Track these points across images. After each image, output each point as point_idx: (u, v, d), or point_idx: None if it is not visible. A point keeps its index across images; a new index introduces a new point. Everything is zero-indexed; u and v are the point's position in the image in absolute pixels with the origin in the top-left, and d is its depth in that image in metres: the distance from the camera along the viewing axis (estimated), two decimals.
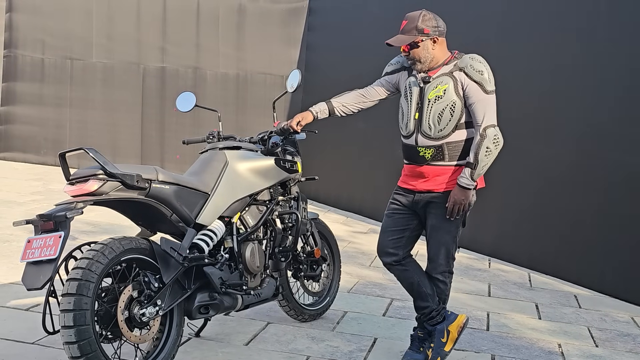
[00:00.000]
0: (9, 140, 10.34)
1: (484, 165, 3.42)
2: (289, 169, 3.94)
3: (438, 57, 3.48)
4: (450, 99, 3.42)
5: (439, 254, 3.56)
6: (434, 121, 3.44)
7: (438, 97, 3.43)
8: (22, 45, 10.23)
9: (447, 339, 3.58)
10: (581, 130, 5.63)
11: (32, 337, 3.59)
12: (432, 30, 3.45)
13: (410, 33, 3.45)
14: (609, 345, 4.21)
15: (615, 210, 5.33)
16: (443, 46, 3.51)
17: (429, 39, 3.45)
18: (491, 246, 6.39)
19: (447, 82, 3.43)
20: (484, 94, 3.41)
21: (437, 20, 3.50)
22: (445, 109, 3.42)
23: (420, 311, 3.65)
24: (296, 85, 3.95)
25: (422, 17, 3.46)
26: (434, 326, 3.60)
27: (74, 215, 2.86)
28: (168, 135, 9.70)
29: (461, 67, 3.43)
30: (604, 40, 5.48)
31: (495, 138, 3.41)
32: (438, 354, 3.55)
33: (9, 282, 4.53)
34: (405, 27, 3.48)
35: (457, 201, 3.46)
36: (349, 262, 5.70)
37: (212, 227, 3.44)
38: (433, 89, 3.45)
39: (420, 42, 3.45)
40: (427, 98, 3.46)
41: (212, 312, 3.42)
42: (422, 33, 3.44)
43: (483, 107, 3.41)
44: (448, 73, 3.45)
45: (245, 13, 9.39)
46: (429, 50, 3.46)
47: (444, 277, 3.61)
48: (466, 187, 3.45)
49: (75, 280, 2.80)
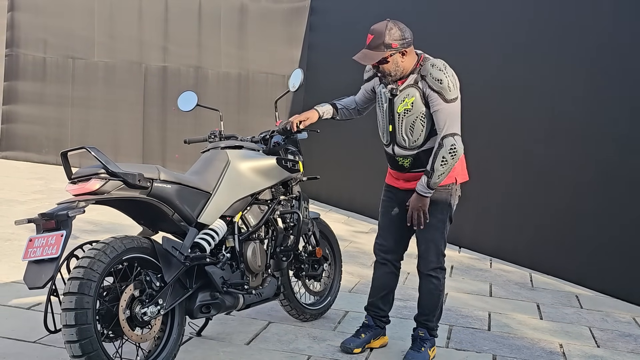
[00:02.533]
0: (11, 139, 10.35)
1: (440, 174, 3.40)
2: (291, 168, 3.94)
3: (407, 67, 3.47)
4: (419, 110, 3.44)
5: (429, 251, 3.63)
6: (407, 133, 3.50)
7: (407, 110, 3.46)
8: (24, 44, 10.23)
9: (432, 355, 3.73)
10: (583, 131, 5.62)
11: (33, 335, 3.60)
12: (399, 44, 3.39)
13: (378, 49, 3.39)
14: (611, 346, 4.21)
15: (616, 211, 5.33)
16: (411, 55, 3.47)
17: (397, 52, 3.40)
18: (493, 246, 6.39)
19: (413, 94, 3.44)
20: (444, 102, 3.38)
21: (404, 31, 3.42)
22: (416, 121, 3.46)
23: (374, 309, 3.85)
24: (298, 85, 3.96)
25: (388, 32, 3.38)
26: (426, 336, 3.71)
27: (76, 214, 2.86)
28: (169, 134, 9.71)
29: (423, 74, 3.42)
30: (604, 38, 5.47)
31: (452, 148, 3.37)
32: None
33: (11, 281, 4.53)
34: (372, 43, 3.41)
35: (414, 207, 3.51)
36: (351, 262, 5.70)
37: (213, 227, 3.44)
38: (401, 103, 3.47)
39: (389, 58, 3.41)
40: (396, 112, 3.49)
41: (213, 312, 3.42)
42: (390, 48, 3.38)
43: (444, 116, 3.39)
44: (413, 84, 3.45)
45: (247, 12, 9.39)
46: (398, 63, 3.43)
47: (436, 273, 3.66)
48: (422, 195, 3.47)
49: (76, 279, 2.80)
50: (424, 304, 3.71)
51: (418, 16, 7.28)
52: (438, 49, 6.97)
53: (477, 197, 6.47)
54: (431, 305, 3.69)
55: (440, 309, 3.75)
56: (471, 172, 4.83)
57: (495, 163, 6.38)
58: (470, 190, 6.55)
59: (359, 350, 3.74)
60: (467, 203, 6.47)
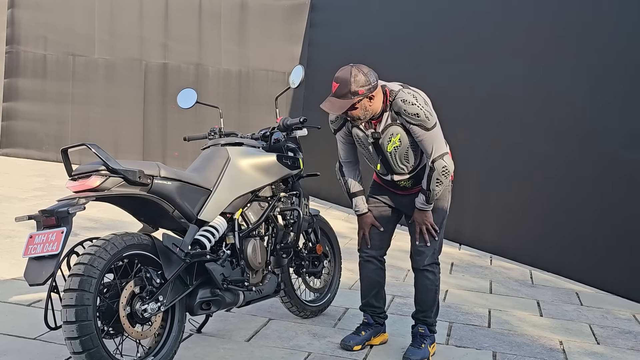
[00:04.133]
0: (11, 136, 10.35)
1: (437, 192, 3.54)
2: (291, 165, 3.94)
3: (376, 108, 3.46)
4: (407, 142, 3.51)
5: (424, 249, 3.67)
6: (402, 163, 3.58)
7: (397, 147, 3.52)
8: (25, 41, 10.23)
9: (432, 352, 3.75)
10: (583, 127, 5.62)
11: (34, 332, 3.60)
12: (366, 89, 3.36)
13: (345, 97, 3.36)
14: (611, 343, 4.21)
15: (617, 208, 5.33)
16: (379, 96, 3.44)
17: (364, 98, 3.39)
18: (493, 243, 6.39)
19: (397, 131, 3.48)
20: (425, 132, 3.43)
21: (369, 76, 3.37)
22: (408, 151, 3.54)
23: (370, 308, 3.87)
24: (298, 82, 3.96)
25: (353, 79, 3.34)
26: (426, 333, 3.74)
27: (76, 211, 2.86)
28: (170, 131, 9.71)
29: (397, 111, 3.44)
30: (604, 35, 5.47)
31: (444, 169, 3.48)
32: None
33: (11, 278, 4.53)
34: (338, 91, 3.38)
35: (420, 222, 3.62)
36: (351, 259, 5.70)
37: (214, 224, 3.44)
38: (388, 142, 3.51)
39: (357, 104, 3.39)
40: (386, 151, 3.54)
41: (213, 308, 3.42)
42: (356, 94, 3.35)
43: (429, 142, 3.46)
44: (392, 122, 3.47)
45: (248, 9, 9.38)
46: (367, 108, 3.42)
47: (432, 268, 3.71)
48: (424, 210, 3.60)
49: (77, 276, 2.80)
50: (421, 299, 3.74)
51: (417, 13, 7.28)
52: (438, 48, 6.99)
53: (477, 195, 6.48)
54: (428, 300, 3.72)
55: (437, 305, 3.77)
56: (471, 170, 4.86)
57: (495, 161, 6.38)
58: (470, 188, 6.58)
59: (359, 347, 3.75)
60: (467, 200, 6.50)
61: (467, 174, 6.34)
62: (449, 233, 3.73)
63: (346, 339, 3.77)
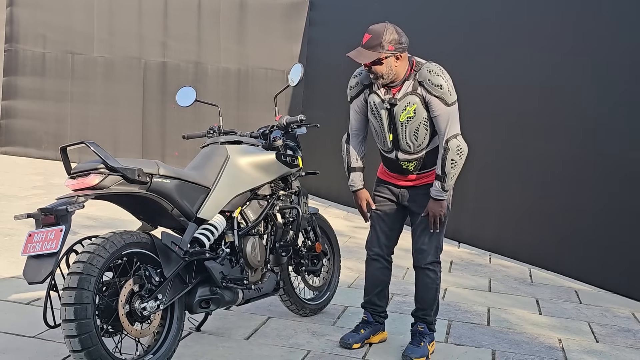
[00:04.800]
0: (10, 135, 10.34)
1: (452, 176, 3.47)
2: (290, 163, 3.94)
3: (400, 72, 3.46)
4: (421, 116, 3.46)
5: (427, 245, 3.66)
6: (411, 139, 3.51)
7: (410, 118, 3.47)
8: (23, 39, 10.22)
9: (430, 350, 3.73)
10: (583, 126, 5.62)
11: (33, 330, 3.60)
12: (395, 47, 3.38)
13: (374, 49, 3.38)
14: (610, 341, 4.21)
15: (616, 206, 5.33)
16: (405, 61, 3.46)
17: (392, 55, 3.40)
18: (492, 242, 6.39)
19: (414, 101, 3.44)
20: (445, 106, 3.41)
21: (401, 36, 3.41)
22: (419, 127, 3.48)
23: (371, 306, 3.85)
24: (298, 80, 3.96)
25: (386, 33, 3.37)
26: (425, 331, 3.73)
27: (75, 209, 2.86)
28: (169, 129, 9.70)
29: (420, 81, 3.42)
30: (604, 34, 5.47)
31: (459, 149, 3.43)
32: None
33: (10, 276, 4.53)
34: (369, 42, 3.40)
35: (435, 213, 3.56)
36: (350, 257, 5.71)
37: (213, 222, 3.44)
38: (403, 111, 3.47)
39: (384, 59, 3.40)
40: (398, 121, 3.49)
41: (212, 307, 3.42)
42: (386, 50, 3.37)
43: (445, 119, 3.42)
44: (412, 91, 3.44)
45: (247, 8, 9.37)
46: (392, 67, 3.42)
47: (433, 267, 3.69)
48: (439, 199, 3.53)
49: (76, 274, 2.80)
50: (421, 297, 3.73)
51: (418, 11, 7.27)
52: (438, 46, 6.98)
53: (476, 193, 6.48)
54: (428, 298, 3.71)
55: (437, 303, 3.77)
56: (470, 168, 4.86)
57: (494, 158, 6.38)
58: (470, 186, 6.57)
59: (358, 345, 3.75)
60: (466, 199, 6.49)
61: (467, 172, 6.30)
62: (448, 231, 3.72)
63: (345, 337, 3.77)
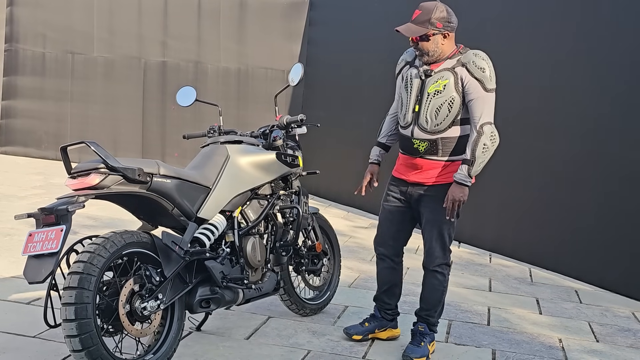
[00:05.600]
0: (10, 135, 10.34)
1: (481, 162, 3.42)
2: (290, 163, 3.93)
3: (445, 51, 3.47)
4: (449, 94, 3.42)
5: (436, 247, 3.61)
6: (431, 115, 3.46)
7: (437, 91, 3.44)
8: (23, 39, 10.21)
9: (431, 350, 3.71)
10: (583, 126, 5.62)
11: (33, 330, 3.60)
12: (444, 25, 3.42)
13: (423, 25, 3.41)
14: (610, 341, 4.21)
15: (616, 206, 5.33)
16: (452, 41, 3.50)
17: (440, 33, 3.42)
18: (492, 241, 6.39)
19: (447, 77, 3.43)
20: (483, 91, 3.40)
21: (451, 15, 3.45)
22: (443, 104, 3.44)
23: (379, 302, 3.87)
24: (298, 79, 3.95)
25: (436, 10, 3.41)
26: (426, 331, 3.71)
27: (76, 209, 2.86)
28: (169, 129, 9.70)
29: (464, 62, 3.43)
30: (604, 34, 5.47)
31: (492, 135, 3.41)
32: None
33: (11, 276, 4.53)
34: (418, 18, 3.43)
35: (455, 198, 3.46)
36: (350, 257, 5.71)
37: (213, 221, 3.44)
38: (433, 83, 3.45)
39: (431, 36, 3.42)
40: (426, 91, 3.47)
41: (213, 306, 3.42)
42: (434, 27, 3.40)
43: (481, 104, 3.40)
44: (450, 68, 3.44)
45: (247, 7, 9.37)
46: (438, 44, 3.45)
47: (442, 269, 3.66)
48: (463, 184, 3.45)
49: (76, 274, 2.80)
50: (427, 299, 3.71)
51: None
52: None
53: (476, 192, 6.46)
54: (434, 300, 3.70)
55: (442, 306, 3.76)
56: None
57: (494, 158, 6.36)
58: (470, 186, 6.56)
59: (359, 337, 3.78)
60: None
61: None
62: None
63: (348, 328, 3.83)
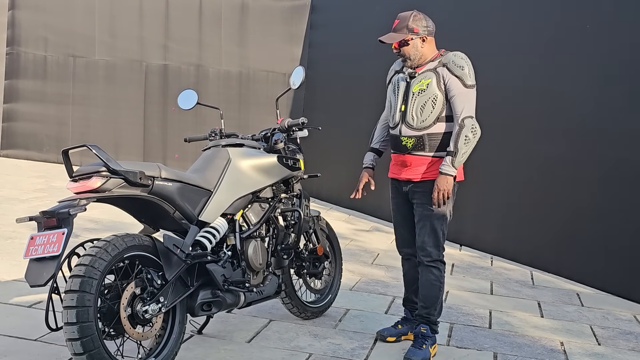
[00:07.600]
0: (12, 138, 10.35)
1: (464, 152, 3.59)
2: (292, 166, 3.94)
3: (426, 54, 3.70)
4: (432, 92, 3.63)
5: (428, 242, 3.70)
6: (416, 112, 3.66)
7: (421, 90, 3.65)
8: (25, 42, 10.24)
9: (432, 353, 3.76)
10: (583, 128, 5.62)
11: (34, 333, 3.60)
12: (421, 30, 3.67)
13: (401, 32, 3.67)
14: (612, 344, 4.21)
15: (617, 208, 5.32)
16: (431, 45, 3.73)
17: (418, 37, 3.67)
18: (494, 244, 6.39)
19: (430, 76, 3.65)
20: (463, 87, 3.60)
21: (427, 20, 3.71)
22: (427, 102, 3.64)
23: (409, 303, 3.99)
24: (299, 83, 3.97)
25: (412, 17, 3.67)
26: (427, 333, 3.73)
27: (77, 212, 2.86)
28: (170, 132, 9.71)
29: (444, 62, 3.65)
30: (604, 35, 5.47)
31: (473, 127, 3.58)
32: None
33: (12, 279, 4.54)
34: (397, 26, 3.69)
35: (440, 188, 3.62)
36: (352, 260, 5.71)
37: (214, 225, 3.44)
38: (417, 83, 3.68)
39: (410, 41, 3.66)
40: (411, 91, 3.69)
41: (214, 310, 3.42)
42: (412, 32, 3.66)
43: (462, 100, 3.60)
44: (432, 69, 3.67)
45: (248, 10, 9.39)
46: (418, 48, 3.68)
47: (437, 265, 3.73)
48: (448, 174, 3.61)
49: (78, 277, 2.80)
50: (424, 295, 3.74)
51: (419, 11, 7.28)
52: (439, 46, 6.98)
53: (477, 196, 6.47)
54: (432, 297, 3.72)
55: (441, 304, 3.79)
56: (472, 170, 4.84)
57: (495, 161, 6.38)
58: (471, 189, 6.56)
59: (393, 339, 3.91)
60: (467, 201, 6.48)
61: (468, 174, 6.32)
62: (449, 234, 3.73)
63: (382, 330, 3.94)
